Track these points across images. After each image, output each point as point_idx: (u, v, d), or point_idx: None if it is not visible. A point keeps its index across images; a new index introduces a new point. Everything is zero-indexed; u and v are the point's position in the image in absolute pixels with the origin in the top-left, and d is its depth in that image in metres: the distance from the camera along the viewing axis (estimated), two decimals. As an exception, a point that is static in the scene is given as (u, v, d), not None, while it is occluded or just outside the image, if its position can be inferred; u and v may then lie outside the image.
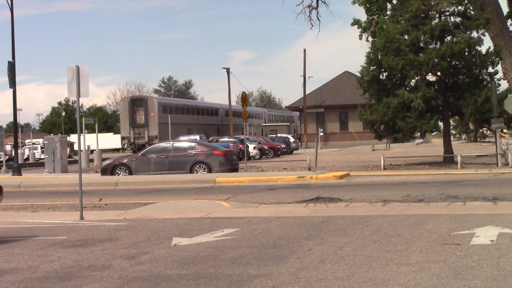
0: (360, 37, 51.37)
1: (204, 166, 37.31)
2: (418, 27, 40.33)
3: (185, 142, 43.09)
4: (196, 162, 37.53)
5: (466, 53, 40.12)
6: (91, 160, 61.23)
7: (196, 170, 37.21)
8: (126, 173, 37.36)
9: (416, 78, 40.65)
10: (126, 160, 38.53)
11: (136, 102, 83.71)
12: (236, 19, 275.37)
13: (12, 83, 47.06)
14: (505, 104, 37.77)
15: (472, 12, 41.86)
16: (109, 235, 15.75)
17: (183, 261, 12.01)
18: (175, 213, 20.09)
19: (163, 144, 40.44)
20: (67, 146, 54.82)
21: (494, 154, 40.16)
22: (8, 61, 46.85)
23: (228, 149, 42.78)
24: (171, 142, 41.22)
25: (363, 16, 52.92)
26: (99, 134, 72.56)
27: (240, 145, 55.20)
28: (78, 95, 19.97)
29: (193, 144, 40.03)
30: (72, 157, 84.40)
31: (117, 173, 37.51)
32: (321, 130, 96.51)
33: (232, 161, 38.91)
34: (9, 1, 47.28)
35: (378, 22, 48.75)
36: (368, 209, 19.77)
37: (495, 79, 40.68)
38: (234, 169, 38.65)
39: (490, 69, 41.30)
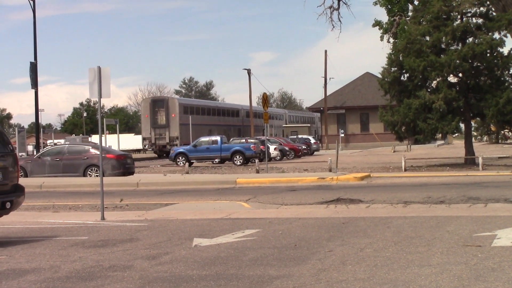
0: (382, 38, 51.23)
1: (96, 169, 37.67)
2: (439, 28, 40.19)
3: (79, 145, 43.75)
4: (89, 165, 38.16)
5: (488, 55, 39.97)
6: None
7: (89, 173, 37.65)
8: (21, 175, 37.82)
9: (438, 80, 40.49)
10: (22, 163, 39.00)
11: (157, 103, 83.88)
12: (257, 20, 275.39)
13: (34, 84, 47.38)
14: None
15: (494, 13, 41.62)
16: (130, 235, 15.80)
17: (204, 262, 12.02)
18: (195, 214, 20.12)
19: (58, 147, 41.23)
20: (89, 147, 54.93)
21: (516, 155, 39.95)
22: (30, 62, 47.19)
23: (122, 152, 43.14)
24: (66, 145, 41.83)
25: (384, 17, 52.86)
26: (120, 135, 72.92)
27: (261, 146, 55.26)
28: (100, 96, 20.04)
29: (86, 147, 40.69)
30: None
31: None
32: (342, 131, 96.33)
33: (126, 165, 39.49)
34: (32, 3, 47.56)
35: (400, 23, 48.59)
36: (389, 211, 19.73)
37: (517, 81, 40.47)
38: (129, 172, 39.05)
39: (512, 70, 41.12)
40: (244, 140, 60.02)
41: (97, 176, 37.27)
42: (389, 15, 50.71)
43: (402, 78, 41.73)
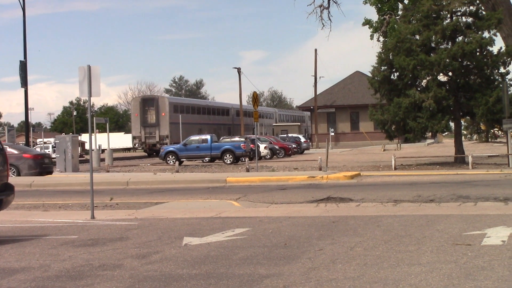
0: (372, 37, 51.31)
1: (13, 169, 37.60)
2: (429, 27, 40.22)
3: None
4: None
5: (478, 53, 40.00)
6: (102, 160, 61.33)
7: None
8: None
9: (428, 78, 40.52)
10: None
11: (147, 102, 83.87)
12: (248, 19, 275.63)
13: (24, 83, 47.26)
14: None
15: (483, 12, 41.67)
16: (120, 234, 15.77)
17: (194, 261, 12.01)
18: (186, 213, 20.10)
19: None
20: (78, 146, 54.89)
21: (506, 154, 40.05)
22: (20, 61, 47.07)
23: (39, 152, 43.02)
24: None
25: (374, 16, 52.90)
26: (110, 134, 72.76)
27: (251, 145, 55.22)
28: (90, 95, 20.00)
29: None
30: (84, 157, 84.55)
31: None
32: (332, 130, 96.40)
33: (43, 164, 39.58)
34: (21, 1, 47.44)
35: (390, 22, 48.65)
36: (379, 209, 19.75)
37: (507, 79, 40.49)
38: (47, 172, 39.01)
39: (502, 69, 41.15)
40: (243, 139, 59.81)
41: (12, 175, 37.26)
42: (379, 14, 50.77)
43: (392, 77, 41.73)
